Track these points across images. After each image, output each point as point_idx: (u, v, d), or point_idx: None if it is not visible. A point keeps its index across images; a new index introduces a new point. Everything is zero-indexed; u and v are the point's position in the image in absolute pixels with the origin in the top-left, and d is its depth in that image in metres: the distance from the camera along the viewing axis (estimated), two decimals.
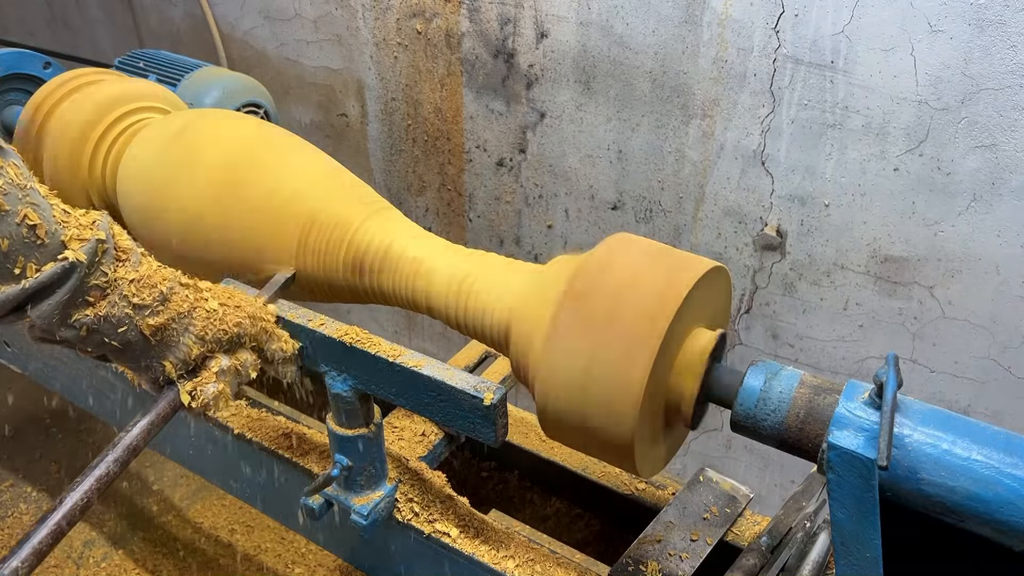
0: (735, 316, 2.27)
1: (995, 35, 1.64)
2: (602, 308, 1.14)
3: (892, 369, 0.98)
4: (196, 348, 1.12)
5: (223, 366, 1.16)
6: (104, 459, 1.04)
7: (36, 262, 0.95)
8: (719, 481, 1.54)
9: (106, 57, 2.99)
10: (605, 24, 2.11)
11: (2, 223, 0.91)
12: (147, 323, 1.06)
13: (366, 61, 2.64)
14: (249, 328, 1.19)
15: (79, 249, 0.98)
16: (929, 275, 1.93)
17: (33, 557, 0.93)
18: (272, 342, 1.25)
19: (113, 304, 1.03)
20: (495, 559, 1.38)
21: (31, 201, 0.94)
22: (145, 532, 2.66)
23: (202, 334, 1.13)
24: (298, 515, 1.61)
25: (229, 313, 1.17)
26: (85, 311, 1.01)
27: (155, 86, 1.82)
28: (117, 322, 1.04)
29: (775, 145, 2.00)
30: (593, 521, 1.76)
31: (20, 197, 0.93)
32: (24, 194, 0.93)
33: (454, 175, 2.65)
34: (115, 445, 1.06)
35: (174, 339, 1.10)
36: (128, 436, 1.08)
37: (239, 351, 1.19)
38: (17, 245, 0.93)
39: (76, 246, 0.98)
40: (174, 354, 1.11)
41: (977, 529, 0.95)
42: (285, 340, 1.27)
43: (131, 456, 1.07)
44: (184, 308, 1.11)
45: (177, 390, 1.13)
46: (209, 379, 1.14)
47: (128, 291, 1.04)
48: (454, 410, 1.24)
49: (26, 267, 0.94)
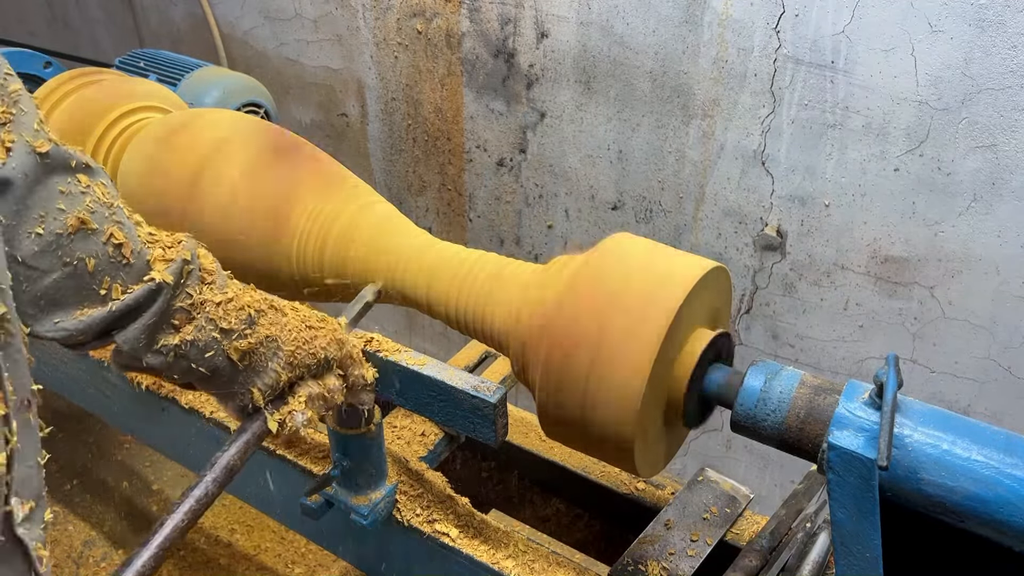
0: (735, 316, 2.27)
1: (995, 35, 1.64)
2: (602, 308, 1.14)
3: (892, 369, 0.98)
4: (285, 374, 1.07)
5: (312, 393, 1.11)
6: (203, 480, 1.02)
7: (122, 283, 0.92)
8: (719, 481, 1.54)
9: (106, 57, 2.99)
10: (605, 24, 2.11)
11: (89, 242, 0.89)
12: (235, 347, 1.02)
13: (366, 61, 2.64)
14: (336, 352, 1.13)
15: (165, 270, 0.95)
16: (929, 275, 1.93)
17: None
18: (355, 368, 1.19)
19: (200, 328, 0.99)
20: (495, 559, 1.38)
21: (117, 220, 0.92)
22: (145, 532, 2.65)
23: (291, 359, 1.07)
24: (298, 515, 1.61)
25: (318, 337, 1.11)
26: (171, 336, 0.98)
27: (155, 86, 1.82)
28: (204, 347, 0.99)
29: (775, 145, 2.00)
30: (593, 521, 1.76)
31: (107, 216, 0.90)
32: (111, 212, 0.91)
33: (454, 175, 2.65)
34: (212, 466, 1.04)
35: (262, 364, 1.05)
36: (224, 456, 1.04)
37: (326, 376, 1.14)
38: (103, 265, 0.90)
39: (161, 267, 0.95)
40: (262, 380, 1.06)
41: (977, 529, 0.95)
42: (367, 367, 1.21)
43: (229, 477, 1.04)
44: (272, 332, 1.06)
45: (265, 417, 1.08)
46: (298, 407, 1.09)
47: (215, 314, 1.00)
48: (454, 410, 1.24)
49: (111, 288, 0.92)
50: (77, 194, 0.88)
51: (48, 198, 0.85)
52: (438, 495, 1.48)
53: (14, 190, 0.81)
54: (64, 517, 2.70)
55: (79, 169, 0.89)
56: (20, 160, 0.80)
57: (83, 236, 0.88)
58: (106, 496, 2.80)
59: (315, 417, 1.12)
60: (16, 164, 0.80)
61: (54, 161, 0.85)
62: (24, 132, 0.81)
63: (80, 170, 0.89)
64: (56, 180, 0.86)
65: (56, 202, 0.86)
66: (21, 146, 0.81)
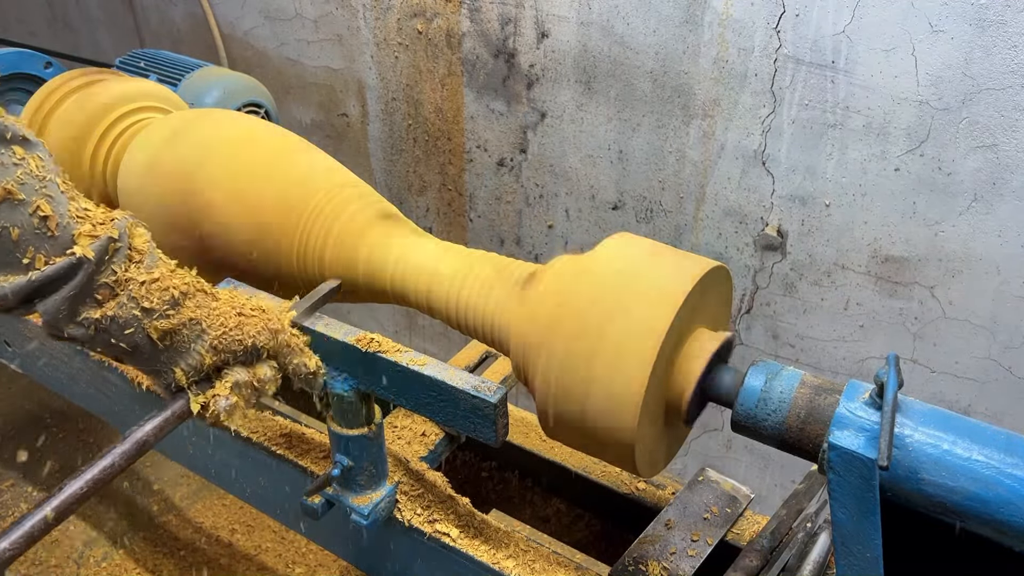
0: (736, 316, 2.27)
1: (996, 35, 1.64)
2: (603, 308, 1.14)
3: (893, 369, 0.98)
4: (208, 357, 1.09)
5: (239, 379, 1.11)
6: (111, 451, 1.02)
7: (45, 254, 0.95)
8: (720, 481, 1.54)
9: (107, 57, 2.99)
10: (606, 24, 2.11)
11: (15, 212, 0.91)
12: (155, 327, 1.04)
13: (367, 61, 2.64)
14: (267, 341, 1.14)
15: (88, 245, 0.97)
16: (930, 275, 1.93)
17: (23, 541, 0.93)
18: (293, 356, 1.19)
19: (121, 305, 1.01)
20: (495, 559, 1.38)
21: (47, 193, 0.94)
22: (145, 532, 2.66)
23: (216, 344, 1.09)
24: (298, 515, 1.61)
25: (247, 323, 1.12)
26: (93, 309, 1.00)
27: (156, 86, 1.82)
28: (124, 323, 1.02)
29: (776, 145, 2.00)
30: (593, 521, 1.76)
31: (37, 188, 0.93)
32: (42, 185, 0.93)
33: (455, 175, 2.65)
34: (125, 439, 1.04)
35: (185, 346, 1.07)
36: (139, 431, 1.05)
37: (258, 364, 1.14)
38: (28, 235, 0.93)
39: (86, 242, 0.97)
40: (185, 361, 1.08)
41: (977, 529, 0.95)
42: (308, 356, 1.21)
43: (139, 451, 1.05)
44: (197, 315, 1.07)
45: (188, 398, 1.09)
46: (223, 392, 1.10)
47: (137, 293, 1.02)
48: (454, 410, 1.23)
49: (35, 259, 0.94)
50: (9, 165, 0.91)
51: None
52: (438, 495, 1.48)
53: None
54: None
55: (15, 141, 0.92)
56: None
57: (10, 206, 0.91)
58: (106, 496, 2.79)
59: (241, 403, 1.13)
60: None
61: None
62: None
63: (16, 142, 0.92)
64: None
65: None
66: None
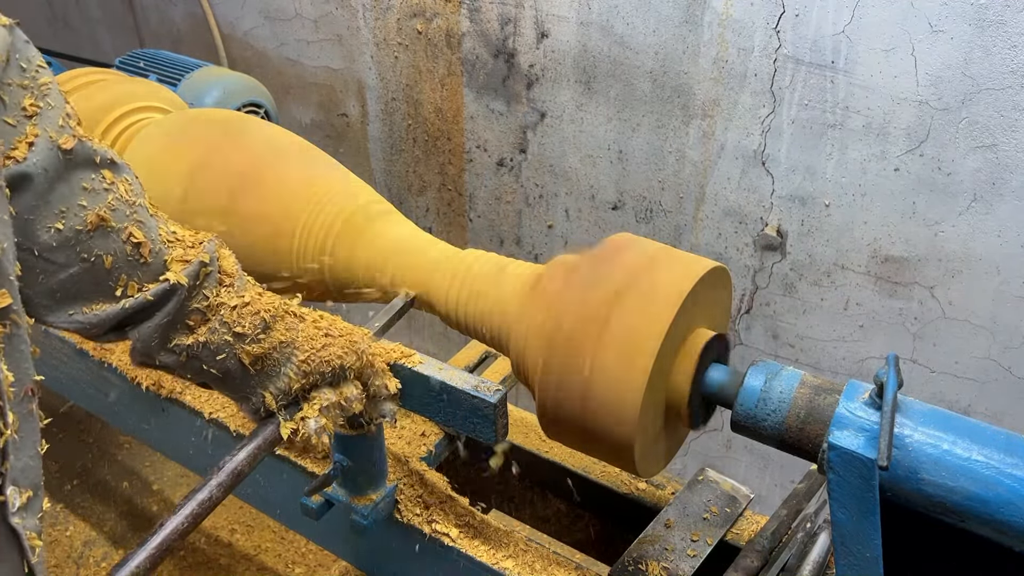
0: (735, 316, 2.27)
1: (996, 35, 1.64)
2: (602, 308, 1.14)
3: (892, 369, 0.98)
4: (297, 381, 1.07)
5: (327, 401, 1.10)
6: (207, 484, 1.00)
7: (138, 281, 0.93)
8: (719, 481, 1.54)
9: (107, 57, 2.99)
10: (605, 24, 2.11)
11: (108, 240, 0.89)
12: (247, 351, 1.01)
13: (366, 61, 2.64)
14: (352, 362, 1.12)
15: (181, 271, 0.95)
16: (929, 275, 1.93)
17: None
18: (376, 378, 1.18)
19: (213, 330, 0.99)
20: (495, 559, 1.38)
21: (138, 219, 0.92)
22: (145, 532, 2.64)
23: (304, 366, 1.07)
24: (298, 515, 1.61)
25: (334, 344, 1.09)
26: (185, 336, 0.98)
27: (155, 86, 1.82)
28: (216, 349, 0.99)
29: (775, 145, 2.00)
30: (593, 521, 1.76)
31: (128, 214, 0.91)
32: (132, 211, 0.91)
33: (454, 175, 2.65)
34: (219, 469, 1.02)
35: (275, 369, 1.05)
36: (232, 461, 1.03)
37: (344, 384, 1.12)
38: (120, 263, 0.91)
39: (178, 268, 0.95)
40: (275, 384, 1.06)
41: (977, 529, 0.95)
42: (390, 377, 1.20)
43: (235, 481, 1.03)
44: (287, 337, 1.05)
45: (277, 423, 1.07)
46: (312, 414, 1.08)
47: (229, 318, 1.00)
48: (454, 410, 1.23)
49: (127, 286, 0.92)
50: (100, 191, 0.88)
51: (70, 194, 0.85)
52: (438, 495, 1.48)
53: (34, 186, 0.81)
54: (64, 517, 2.69)
55: (104, 165, 0.89)
56: (41, 156, 0.80)
57: (102, 233, 0.88)
58: (106, 496, 2.79)
59: (330, 425, 1.11)
60: (37, 160, 0.80)
61: (77, 157, 0.85)
62: (48, 127, 0.81)
63: (105, 166, 0.89)
64: (80, 176, 0.86)
65: (78, 198, 0.86)
66: (44, 141, 0.80)
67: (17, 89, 0.79)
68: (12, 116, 0.78)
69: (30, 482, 0.74)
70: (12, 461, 0.71)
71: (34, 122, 0.80)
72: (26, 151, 0.79)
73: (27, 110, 0.79)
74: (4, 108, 0.78)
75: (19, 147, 0.79)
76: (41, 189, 0.81)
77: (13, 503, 0.71)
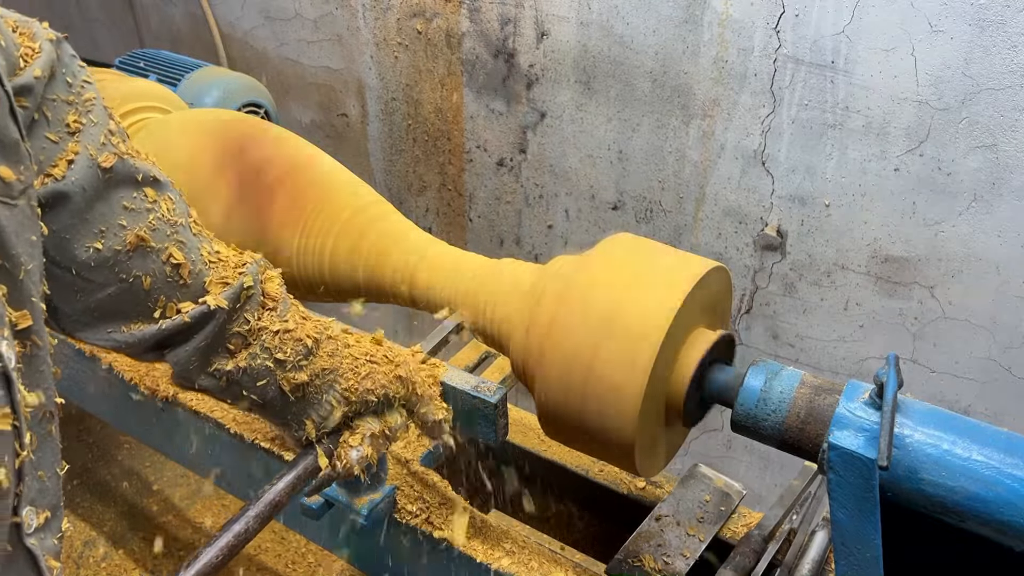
0: (735, 316, 2.27)
1: (996, 35, 1.64)
2: (603, 308, 1.14)
3: (892, 369, 0.98)
4: (340, 408, 1.03)
5: (370, 430, 1.07)
6: (244, 514, 0.97)
7: (176, 303, 0.90)
8: (712, 477, 1.54)
9: (106, 57, 2.99)
10: (605, 24, 2.11)
11: (147, 260, 0.86)
12: (288, 379, 0.97)
13: (366, 61, 2.64)
14: (397, 390, 1.09)
15: (220, 294, 0.91)
16: (930, 275, 1.93)
17: None
18: (422, 406, 1.14)
19: (254, 356, 0.95)
20: (494, 559, 1.38)
21: (179, 239, 0.89)
22: (145, 532, 2.66)
23: (347, 394, 1.03)
24: (298, 515, 1.61)
25: (378, 372, 1.06)
26: (226, 360, 0.94)
27: (155, 86, 1.82)
28: (257, 375, 0.96)
29: (775, 145, 2.00)
30: (593, 521, 1.76)
31: (168, 234, 0.88)
32: (173, 231, 0.89)
33: (454, 175, 2.65)
34: (256, 500, 0.99)
35: (316, 397, 1.01)
36: (271, 492, 1.00)
37: (388, 413, 1.10)
38: (159, 284, 0.88)
39: (218, 290, 0.92)
40: (316, 412, 1.02)
41: (977, 529, 0.95)
42: (437, 405, 1.16)
43: (272, 512, 1.00)
44: (329, 365, 1.01)
45: (316, 453, 1.04)
46: (354, 443, 1.05)
47: (271, 343, 0.95)
48: (454, 410, 1.23)
49: (165, 307, 0.90)
50: (142, 210, 0.85)
51: (110, 213, 0.83)
52: (438, 495, 1.48)
53: (71, 204, 0.78)
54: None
55: (146, 183, 0.86)
56: (80, 174, 0.78)
57: (142, 254, 0.86)
58: (106, 496, 2.80)
59: (374, 456, 1.08)
60: (76, 178, 0.78)
61: (118, 175, 0.82)
62: (90, 144, 0.79)
63: (148, 184, 0.86)
64: (120, 195, 0.83)
65: (118, 218, 0.83)
66: (84, 159, 0.78)
67: (61, 104, 0.77)
68: (55, 132, 0.76)
69: (47, 503, 0.72)
70: (28, 481, 0.69)
71: (76, 139, 0.78)
72: (65, 169, 0.77)
73: (70, 126, 0.77)
74: (48, 124, 0.76)
75: (59, 164, 0.77)
76: (79, 208, 0.79)
77: (30, 524, 0.70)
